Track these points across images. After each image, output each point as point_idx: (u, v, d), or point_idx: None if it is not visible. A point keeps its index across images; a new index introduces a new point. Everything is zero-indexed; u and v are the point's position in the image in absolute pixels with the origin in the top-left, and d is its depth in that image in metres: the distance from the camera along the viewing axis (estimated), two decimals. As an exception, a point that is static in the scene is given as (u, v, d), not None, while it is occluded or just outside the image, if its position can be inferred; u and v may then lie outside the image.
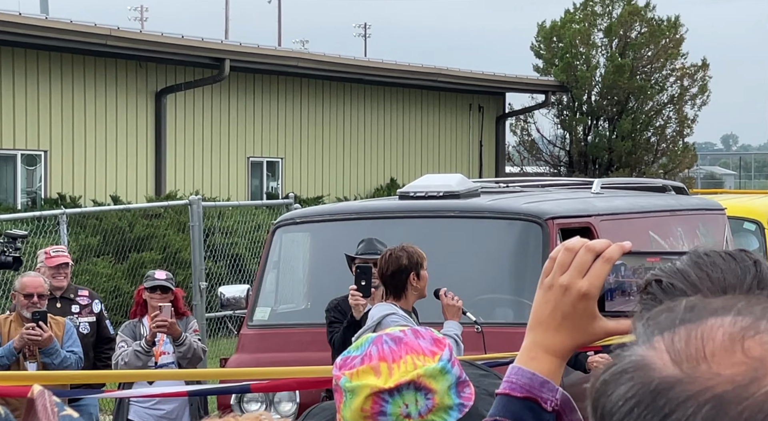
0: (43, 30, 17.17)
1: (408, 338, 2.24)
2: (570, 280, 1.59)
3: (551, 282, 1.60)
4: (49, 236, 12.18)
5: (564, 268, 1.60)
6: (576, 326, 1.59)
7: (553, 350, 1.60)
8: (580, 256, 1.59)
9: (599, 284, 1.58)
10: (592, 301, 1.59)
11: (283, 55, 21.02)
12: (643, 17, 26.92)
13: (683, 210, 9.03)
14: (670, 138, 27.17)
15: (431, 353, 2.22)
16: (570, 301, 1.59)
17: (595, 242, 1.61)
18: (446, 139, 24.71)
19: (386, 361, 2.19)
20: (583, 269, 1.59)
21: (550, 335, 1.59)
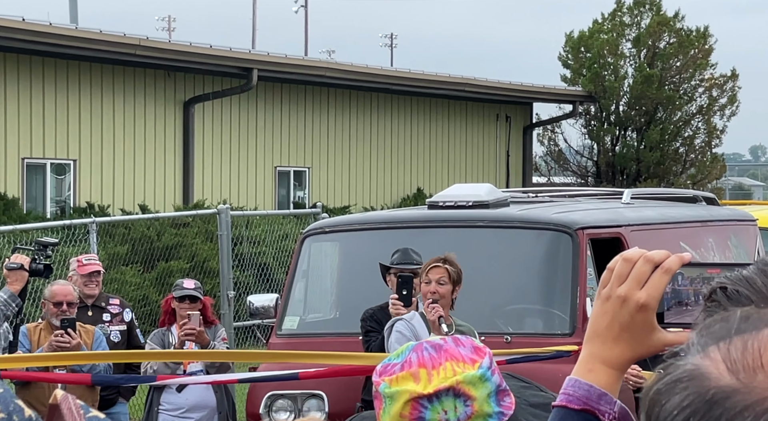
0: (73, 40, 17.28)
1: (448, 345, 2.23)
2: (628, 291, 1.56)
3: (609, 293, 1.58)
4: (78, 245, 12.24)
5: (622, 279, 1.57)
6: (634, 337, 1.57)
7: (610, 362, 1.58)
8: (639, 266, 1.57)
9: (658, 296, 1.56)
10: (651, 312, 1.57)
11: (311, 65, 21.07)
12: (672, 27, 26.83)
13: (714, 221, 8.98)
14: (699, 149, 27.05)
15: (471, 361, 2.21)
16: (628, 312, 1.56)
17: (654, 253, 1.59)
18: (473, 148, 24.69)
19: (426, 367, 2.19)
20: (642, 280, 1.57)
21: (608, 346, 1.57)
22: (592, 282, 7.93)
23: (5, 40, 16.50)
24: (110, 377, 7.42)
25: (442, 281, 6.45)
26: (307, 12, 51.88)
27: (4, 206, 16.65)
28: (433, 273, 6.47)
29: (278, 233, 15.68)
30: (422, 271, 6.59)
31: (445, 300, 6.44)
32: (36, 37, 16.69)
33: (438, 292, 6.41)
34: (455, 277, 6.49)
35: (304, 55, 27.47)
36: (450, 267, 6.47)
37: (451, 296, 6.48)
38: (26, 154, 17.62)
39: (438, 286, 6.44)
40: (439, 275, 6.46)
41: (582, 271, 7.63)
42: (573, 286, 7.58)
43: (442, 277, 6.46)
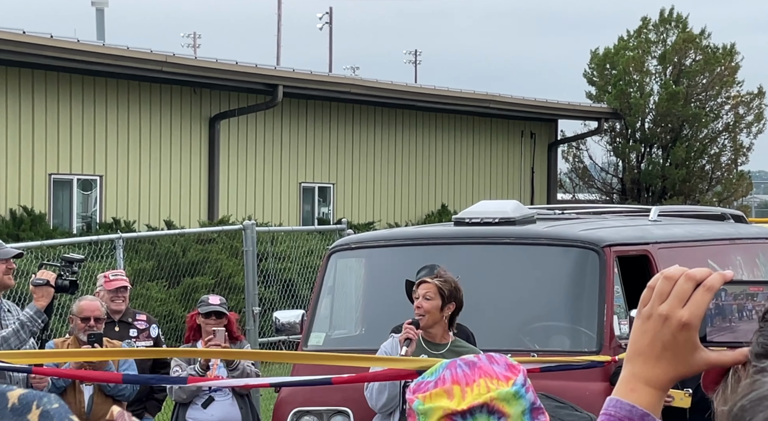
0: (101, 56, 17.38)
1: (482, 362, 2.23)
2: (670, 309, 1.54)
3: (650, 312, 1.56)
4: (104, 260, 12.27)
5: (663, 297, 1.55)
6: (677, 356, 1.55)
7: (653, 382, 1.56)
8: (680, 284, 1.55)
9: (700, 314, 1.54)
10: (693, 331, 1.54)
11: (336, 82, 21.11)
12: (698, 45, 26.76)
13: (742, 239, 8.92)
14: (725, 166, 26.93)
15: (505, 378, 2.20)
16: (670, 331, 1.54)
17: (696, 271, 1.57)
18: (498, 165, 24.65)
19: (459, 384, 2.18)
20: (684, 298, 1.54)
21: (650, 366, 1.55)
22: (620, 300, 7.89)
23: (34, 56, 16.61)
24: (141, 376, 7.44)
25: (428, 296, 6.23)
26: (332, 29, 52.04)
27: (31, 222, 16.74)
28: (421, 288, 6.28)
29: (303, 249, 15.69)
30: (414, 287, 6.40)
31: (432, 316, 6.21)
32: (64, 54, 16.80)
33: (422, 307, 6.21)
34: (446, 292, 6.22)
35: (328, 72, 27.53)
36: (438, 281, 6.24)
37: (441, 312, 6.22)
38: (53, 170, 17.72)
39: (423, 301, 6.22)
40: (425, 289, 6.25)
41: (609, 288, 7.59)
42: (600, 303, 7.54)
43: (428, 292, 6.24)
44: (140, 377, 7.36)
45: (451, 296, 6.29)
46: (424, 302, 6.26)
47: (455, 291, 6.31)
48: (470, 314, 7.74)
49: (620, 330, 7.59)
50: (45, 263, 7.22)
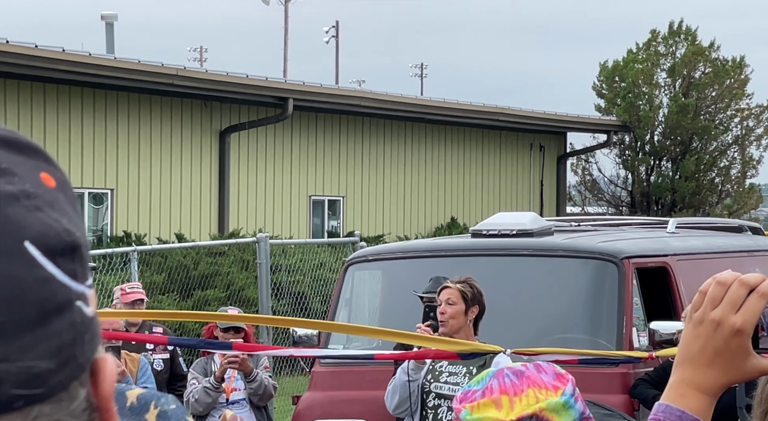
0: (112, 70, 17.41)
1: (530, 371, 2.21)
2: (723, 315, 1.53)
3: (702, 317, 1.55)
4: (117, 274, 12.27)
5: (716, 302, 1.54)
6: (728, 363, 1.54)
7: (703, 388, 1.54)
8: (733, 290, 1.54)
9: (754, 320, 1.53)
10: (746, 337, 1.53)
11: (346, 95, 21.13)
12: (708, 57, 26.77)
13: (761, 251, 8.90)
14: (735, 179, 26.90)
15: (554, 388, 2.18)
16: (722, 337, 1.53)
17: (749, 276, 1.55)
18: (507, 178, 24.64)
19: (508, 394, 2.16)
20: (737, 304, 1.53)
21: (701, 371, 1.54)
22: (638, 311, 7.87)
23: (46, 70, 16.65)
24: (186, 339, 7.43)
25: (450, 301, 6.24)
26: (338, 42, 52.13)
27: (42, 235, 16.73)
28: (443, 294, 6.28)
29: (314, 262, 15.68)
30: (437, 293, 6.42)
31: (456, 321, 6.22)
32: (75, 68, 16.83)
33: (446, 313, 6.21)
34: (469, 295, 6.22)
35: (336, 85, 27.56)
36: (460, 286, 6.26)
37: (465, 316, 6.24)
38: (64, 183, 17.72)
39: (446, 306, 6.23)
40: (447, 295, 6.25)
41: (628, 300, 7.57)
42: (619, 315, 7.52)
43: (450, 297, 6.25)
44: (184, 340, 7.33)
45: (474, 300, 6.30)
46: (448, 308, 6.26)
47: (478, 295, 6.31)
48: (489, 326, 7.72)
49: (639, 342, 7.57)
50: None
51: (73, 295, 0.78)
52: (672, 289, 7.85)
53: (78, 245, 0.80)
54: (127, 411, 1.09)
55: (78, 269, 0.79)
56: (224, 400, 7.57)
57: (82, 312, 0.78)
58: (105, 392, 0.80)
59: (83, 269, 0.80)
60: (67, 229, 0.80)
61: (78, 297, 0.79)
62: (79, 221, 0.83)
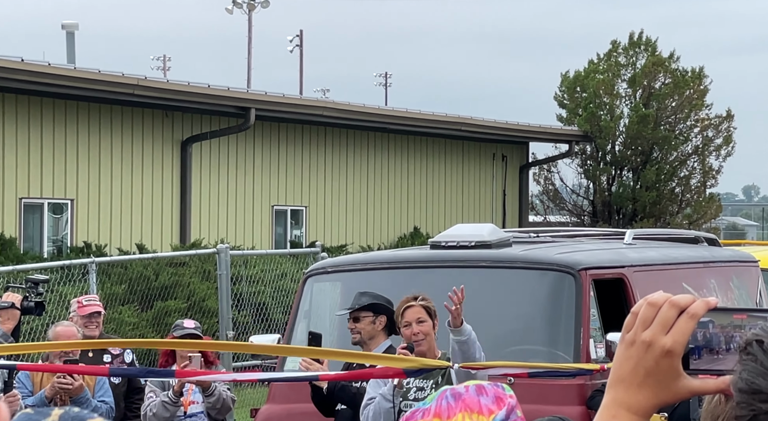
0: (72, 80, 17.32)
1: (468, 394, 2.20)
2: (653, 336, 1.55)
3: (633, 338, 1.56)
4: (76, 285, 12.19)
5: (647, 323, 1.56)
6: (659, 383, 1.55)
7: (634, 409, 1.56)
8: (664, 311, 1.55)
9: (684, 341, 1.54)
10: (677, 358, 1.55)
11: (308, 105, 21.13)
12: (668, 68, 26.97)
13: (717, 262, 8.96)
14: (695, 189, 27.10)
15: (488, 412, 2.19)
16: (653, 357, 1.55)
17: (680, 298, 1.57)
18: (470, 188, 24.72)
19: (441, 417, 2.17)
20: (667, 325, 1.55)
21: (632, 392, 1.55)
22: (596, 323, 7.91)
23: (4, 80, 16.53)
24: (129, 369, 7.41)
25: (420, 319, 6.31)
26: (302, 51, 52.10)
27: (1, 246, 16.61)
28: (410, 314, 6.33)
29: (276, 272, 15.64)
30: (396, 314, 6.43)
31: (430, 337, 6.31)
32: (35, 78, 16.72)
33: (421, 332, 6.29)
34: (432, 311, 6.36)
35: (300, 94, 27.54)
36: (424, 303, 6.36)
37: (433, 331, 6.34)
38: (23, 194, 17.60)
39: (418, 325, 6.31)
40: (416, 315, 6.32)
41: (585, 312, 7.61)
42: (576, 327, 7.56)
43: (419, 316, 6.32)
44: (127, 370, 7.31)
45: (434, 315, 6.38)
46: (421, 326, 6.32)
47: (434, 310, 6.41)
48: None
49: (596, 353, 7.61)
50: (10, 286, 7.17)
51: None
52: (629, 300, 7.91)
53: None
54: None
55: None
56: (182, 413, 7.54)
57: None
58: None
59: None
60: None
61: None
62: None
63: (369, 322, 6.91)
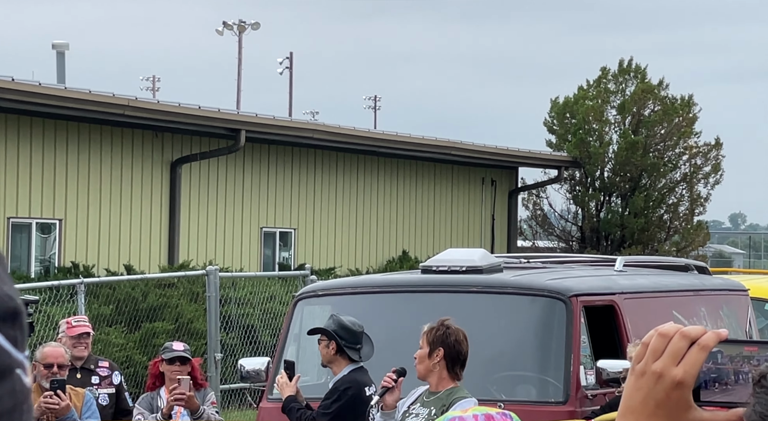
0: (62, 100, 17.30)
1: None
2: (664, 367, 1.54)
3: (643, 369, 1.56)
4: (64, 305, 12.14)
5: (657, 354, 1.55)
6: (669, 415, 1.54)
7: None
8: (675, 342, 1.55)
9: (695, 373, 1.54)
10: (687, 390, 1.54)
11: (298, 127, 21.14)
12: (657, 95, 27.10)
13: (706, 290, 8.97)
14: (683, 216, 27.18)
15: None
16: (663, 389, 1.54)
17: (690, 329, 1.56)
18: (459, 212, 24.74)
19: None
20: (678, 356, 1.54)
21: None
22: (586, 350, 7.90)
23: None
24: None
25: (420, 344, 6.36)
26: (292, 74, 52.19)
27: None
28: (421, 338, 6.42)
29: (264, 295, 15.61)
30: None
31: (422, 364, 6.31)
32: (25, 97, 16.70)
33: (417, 356, 6.34)
34: (431, 339, 6.31)
35: (289, 117, 27.57)
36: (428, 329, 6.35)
37: (429, 359, 6.29)
38: (11, 214, 17.55)
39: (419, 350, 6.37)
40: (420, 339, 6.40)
41: (576, 338, 7.60)
42: (567, 353, 7.55)
43: (420, 341, 6.38)
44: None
45: (437, 342, 6.29)
46: (418, 351, 6.34)
47: (444, 337, 6.32)
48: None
49: (586, 380, 7.60)
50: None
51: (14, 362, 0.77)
52: (619, 327, 7.90)
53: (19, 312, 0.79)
54: None
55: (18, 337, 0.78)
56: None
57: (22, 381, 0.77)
58: None
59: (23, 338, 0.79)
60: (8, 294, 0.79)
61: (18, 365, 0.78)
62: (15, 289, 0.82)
63: (323, 346, 7.06)
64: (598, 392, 7.50)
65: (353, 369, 6.97)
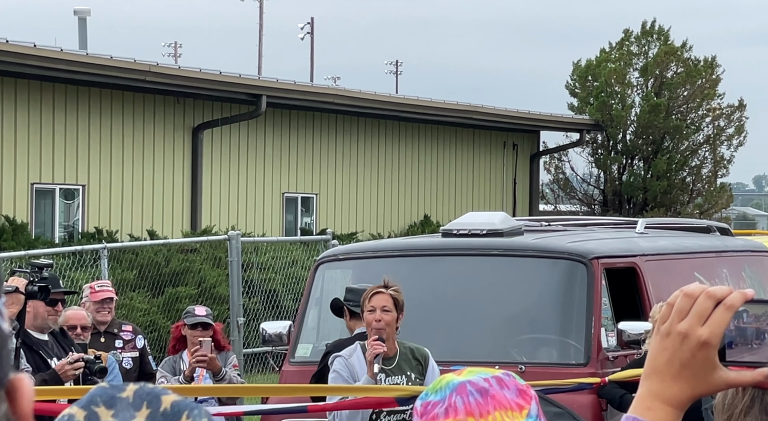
0: (84, 66, 17.32)
1: (494, 390, 2.17)
2: (689, 327, 1.53)
3: (669, 329, 1.55)
4: (88, 270, 12.21)
5: (682, 314, 1.54)
6: (695, 375, 1.54)
7: (670, 400, 1.54)
8: (700, 303, 1.54)
9: (720, 333, 1.53)
10: (713, 350, 1.53)
11: (319, 92, 21.11)
12: (680, 57, 26.89)
13: (728, 251, 8.94)
14: (706, 178, 27.05)
15: (518, 407, 2.16)
16: (689, 349, 1.53)
17: (716, 289, 1.56)
18: (480, 176, 24.69)
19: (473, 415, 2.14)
20: (703, 317, 1.53)
21: (668, 384, 1.54)
22: (607, 312, 7.90)
23: (17, 66, 16.54)
24: None
25: (386, 308, 6.16)
26: (313, 39, 52.05)
27: (12, 231, 16.64)
28: (377, 300, 6.17)
29: (286, 260, 15.66)
30: (364, 298, 6.28)
31: (390, 328, 6.17)
32: (47, 64, 16.73)
33: (383, 319, 6.14)
34: (399, 303, 6.19)
35: (310, 82, 27.51)
36: (394, 293, 6.19)
37: (396, 323, 6.20)
38: (35, 180, 17.63)
39: (383, 313, 6.15)
40: (383, 302, 6.16)
41: (597, 300, 7.60)
42: (588, 315, 7.55)
43: (385, 305, 6.16)
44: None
45: (402, 308, 6.24)
46: (384, 315, 6.17)
47: (402, 303, 6.25)
48: (458, 326, 7.74)
49: (608, 342, 7.60)
50: (15, 270, 7.18)
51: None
52: (640, 289, 7.90)
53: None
54: (159, 416, 1.10)
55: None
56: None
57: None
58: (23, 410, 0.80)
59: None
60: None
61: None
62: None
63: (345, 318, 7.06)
64: (619, 353, 7.50)
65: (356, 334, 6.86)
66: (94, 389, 1.09)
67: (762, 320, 1.55)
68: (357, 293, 6.85)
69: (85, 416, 1.05)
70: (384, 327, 6.13)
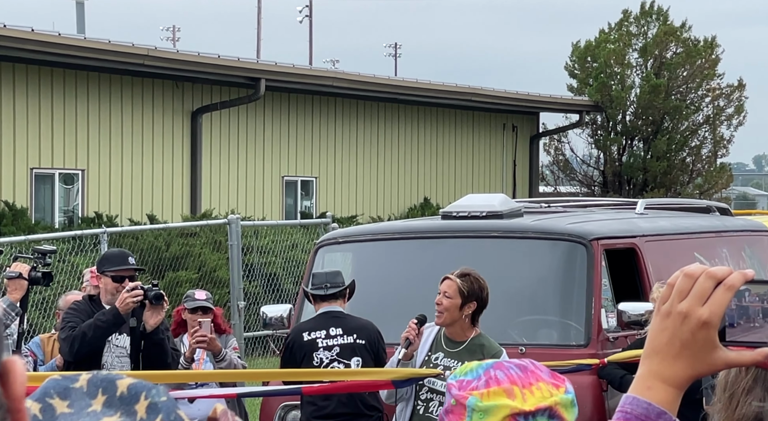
0: (82, 50, 17.30)
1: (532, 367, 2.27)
2: (689, 307, 1.53)
3: (669, 309, 1.55)
4: (88, 255, 12.21)
5: (683, 295, 1.54)
6: (695, 355, 1.54)
7: (670, 380, 1.55)
8: (700, 283, 1.54)
9: (720, 313, 1.53)
10: (713, 330, 1.53)
11: (318, 75, 21.08)
12: (679, 37, 26.85)
13: (728, 231, 8.94)
14: (706, 158, 27.04)
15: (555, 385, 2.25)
16: (689, 329, 1.53)
17: (717, 269, 1.56)
18: (480, 158, 24.68)
19: (517, 385, 2.21)
20: (704, 297, 1.53)
21: (668, 364, 1.54)
22: (607, 293, 7.91)
23: (15, 50, 16.52)
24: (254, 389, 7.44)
25: (448, 294, 6.26)
26: (312, 22, 51.93)
27: (12, 216, 16.64)
28: (443, 285, 6.32)
29: (286, 243, 15.66)
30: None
31: (450, 314, 6.25)
32: (45, 48, 16.70)
33: (441, 304, 6.25)
34: (466, 292, 6.24)
35: (309, 65, 27.49)
36: (461, 281, 6.26)
37: (460, 311, 6.25)
38: (35, 164, 17.63)
39: (444, 298, 6.26)
40: (446, 287, 6.28)
41: (597, 282, 7.60)
42: (588, 297, 7.56)
43: (448, 290, 6.27)
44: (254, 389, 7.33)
45: (472, 295, 6.28)
46: (444, 300, 6.29)
47: (478, 290, 6.29)
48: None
49: (608, 323, 7.61)
50: (18, 256, 7.18)
51: None
52: (640, 270, 7.90)
53: None
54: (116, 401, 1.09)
55: None
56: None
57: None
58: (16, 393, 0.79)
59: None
60: None
61: None
62: None
63: None
64: (619, 334, 7.51)
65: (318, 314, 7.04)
66: (46, 381, 1.08)
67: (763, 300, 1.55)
68: (319, 277, 7.05)
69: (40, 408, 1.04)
70: (442, 311, 6.25)
